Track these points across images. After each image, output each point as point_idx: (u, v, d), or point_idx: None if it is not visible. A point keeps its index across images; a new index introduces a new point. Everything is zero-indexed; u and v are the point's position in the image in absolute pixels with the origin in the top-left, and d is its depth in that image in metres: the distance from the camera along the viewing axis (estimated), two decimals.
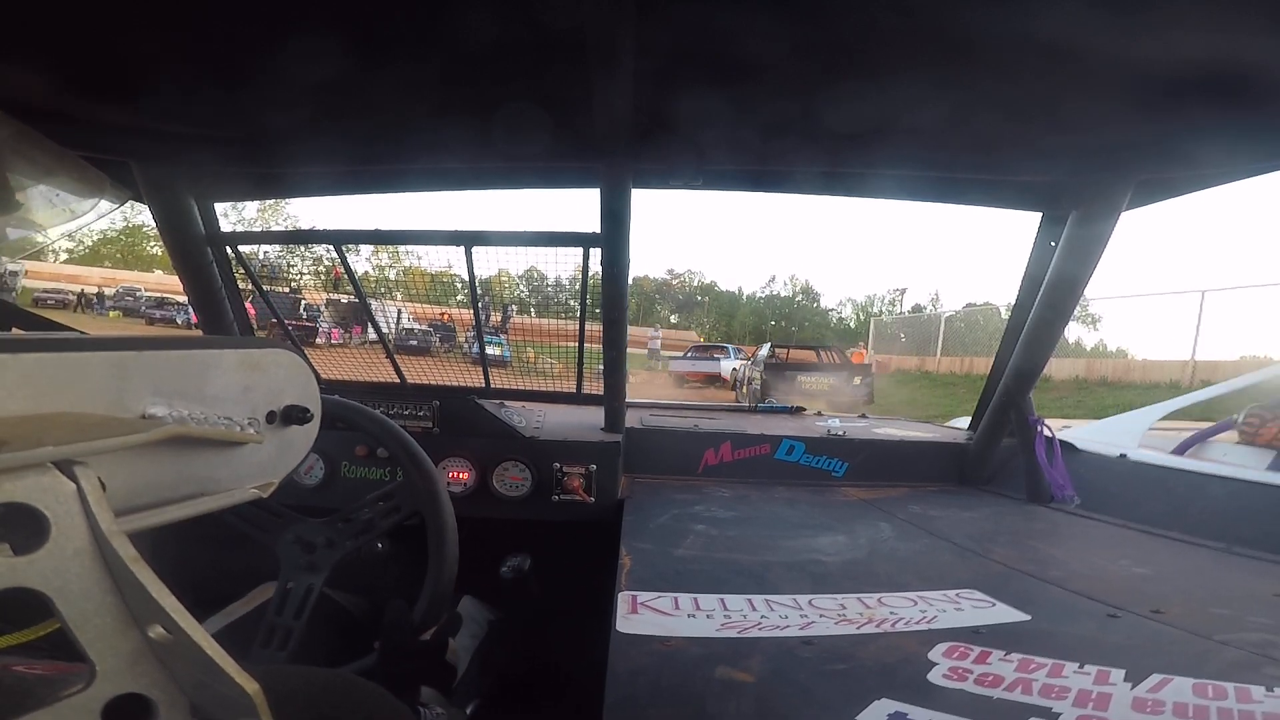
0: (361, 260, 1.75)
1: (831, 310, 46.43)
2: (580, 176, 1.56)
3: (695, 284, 47.13)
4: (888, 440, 2.04)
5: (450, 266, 1.87)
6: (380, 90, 1.15)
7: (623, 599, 0.99)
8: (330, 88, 1.10)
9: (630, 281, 1.66)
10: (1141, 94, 1.02)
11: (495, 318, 2.89)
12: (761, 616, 0.94)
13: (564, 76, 1.07)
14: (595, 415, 1.89)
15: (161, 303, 21.30)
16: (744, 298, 46.81)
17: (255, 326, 1.99)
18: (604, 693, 0.73)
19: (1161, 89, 0.99)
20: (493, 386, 1.90)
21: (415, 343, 2.63)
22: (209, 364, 0.51)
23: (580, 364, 1.85)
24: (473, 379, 1.95)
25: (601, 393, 1.84)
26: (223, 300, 1.80)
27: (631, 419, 2.01)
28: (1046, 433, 1.76)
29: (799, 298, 47.02)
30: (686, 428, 2.03)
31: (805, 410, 2.72)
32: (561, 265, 1.71)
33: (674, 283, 47.18)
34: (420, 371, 1.98)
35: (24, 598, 0.33)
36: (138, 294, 22.99)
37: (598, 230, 1.54)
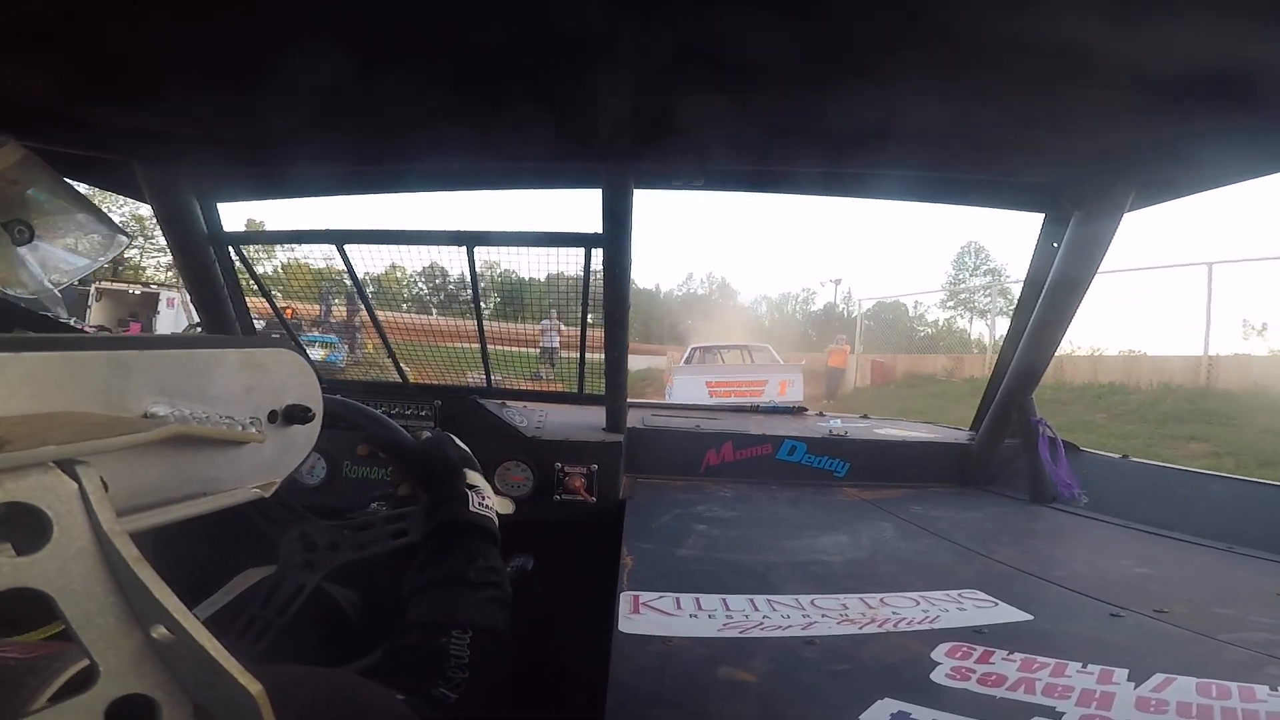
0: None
1: (747, 308, 46.05)
2: (582, 177, 1.56)
3: None
4: (889, 440, 2.03)
5: (308, 258, 1.83)
6: (383, 91, 1.15)
7: (625, 599, 0.99)
8: (333, 89, 1.10)
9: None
10: (1145, 95, 1.02)
11: (339, 311, 2.63)
12: (764, 616, 0.94)
13: (566, 77, 1.07)
14: (597, 415, 1.89)
15: None
16: (661, 295, 46.38)
17: None
18: (606, 693, 0.73)
19: (1165, 90, 0.98)
20: (494, 386, 1.90)
21: None
22: (211, 363, 0.51)
23: (581, 364, 1.85)
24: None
25: (601, 393, 1.84)
26: (225, 300, 1.81)
27: (633, 419, 2.00)
28: (1049, 433, 1.75)
29: (715, 296, 46.77)
30: (688, 428, 2.02)
31: (807, 410, 2.72)
32: (450, 260, 1.71)
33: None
34: (422, 371, 1.97)
35: (27, 598, 0.33)
36: None
37: (599, 231, 1.54)
